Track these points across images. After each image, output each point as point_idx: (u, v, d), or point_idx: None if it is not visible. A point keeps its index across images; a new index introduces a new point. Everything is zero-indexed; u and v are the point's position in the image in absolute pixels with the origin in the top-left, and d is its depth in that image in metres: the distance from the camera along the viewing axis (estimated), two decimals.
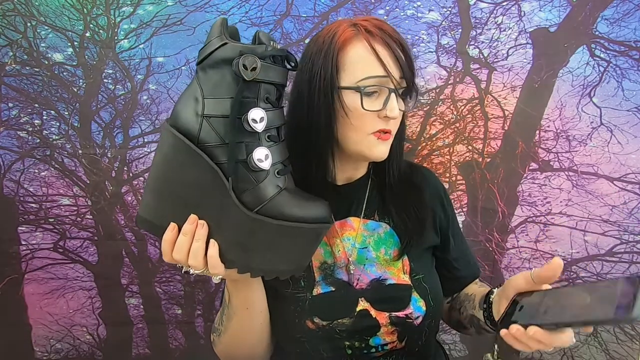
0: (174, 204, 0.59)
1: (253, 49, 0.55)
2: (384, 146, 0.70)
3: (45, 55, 1.24)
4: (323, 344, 0.73)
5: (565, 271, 1.33)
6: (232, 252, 0.59)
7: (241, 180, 0.57)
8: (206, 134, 0.56)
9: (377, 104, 0.67)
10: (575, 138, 1.29)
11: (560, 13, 1.24)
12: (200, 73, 0.58)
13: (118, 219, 1.31)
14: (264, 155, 0.57)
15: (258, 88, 0.56)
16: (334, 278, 0.75)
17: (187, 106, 0.57)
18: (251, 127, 0.56)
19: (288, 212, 0.58)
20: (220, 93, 0.56)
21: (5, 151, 1.26)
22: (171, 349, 1.37)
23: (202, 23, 1.24)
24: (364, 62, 0.67)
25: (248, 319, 0.72)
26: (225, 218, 0.58)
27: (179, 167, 0.57)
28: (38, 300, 1.33)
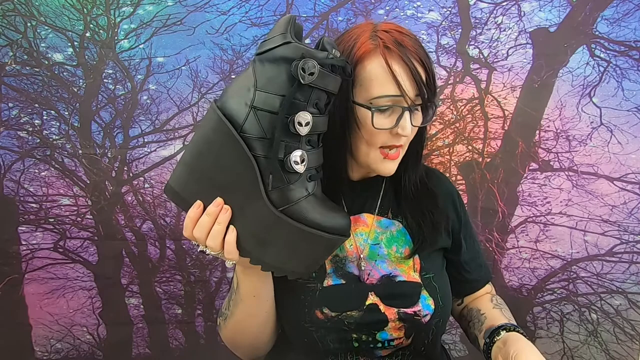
0: (204, 183, 0.60)
1: (314, 54, 0.56)
2: (391, 164, 0.72)
3: (45, 55, 1.24)
4: (331, 335, 0.74)
5: (565, 271, 1.33)
6: (249, 243, 0.61)
7: (273, 178, 0.58)
8: (250, 125, 0.57)
9: (389, 122, 0.68)
10: (575, 138, 1.29)
11: (560, 13, 1.24)
12: (257, 64, 0.58)
13: (118, 219, 1.31)
14: (301, 159, 0.58)
15: (310, 92, 0.57)
16: (345, 271, 0.76)
17: (238, 93, 0.59)
18: (296, 129, 0.57)
19: (311, 218, 0.60)
20: (273, 89, 0.57)
21: (5, 151, 1.26)
22: (171, 349, 1.38)
23: (202, 23, 1.24)
24: (379, 80, 0.67)
25: (254, 307, 0.74)
26: (250, 209, 0.59)
27: (217, 149, 0.59)
28: (38, 300, 1.33)
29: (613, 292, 1.34)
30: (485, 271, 0.89)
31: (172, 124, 1.29)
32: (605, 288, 1.34)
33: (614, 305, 1.34)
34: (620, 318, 1.35)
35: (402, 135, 0.69)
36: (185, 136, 1.29)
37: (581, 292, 1.34)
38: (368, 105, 0.68)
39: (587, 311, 1.35)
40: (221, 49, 1.26)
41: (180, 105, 1.28)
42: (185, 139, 1.29)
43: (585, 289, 1.34)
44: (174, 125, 1.29)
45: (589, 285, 1.34)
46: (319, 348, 0.75)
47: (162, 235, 1.32)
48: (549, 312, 1.36)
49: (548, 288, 1.35)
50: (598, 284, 1.34)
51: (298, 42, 0.57)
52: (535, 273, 1.34)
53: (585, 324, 1.36)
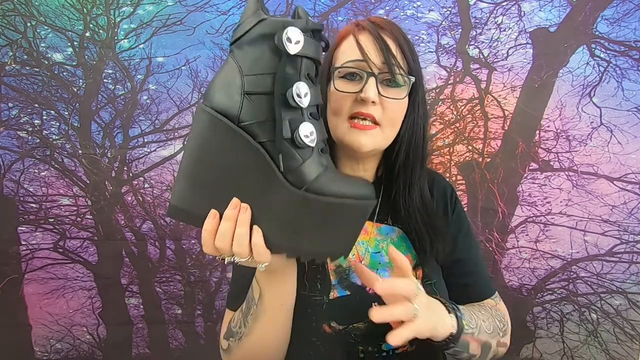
0: (213, 190, 0.55)
1: (295, 23, 0.54)
2: (361, 136, 0.69)
3: (45, 55, 1.24)
4: (337, 348, 0.72)
5: (565, 271, 1.33)
6: (280, 236, 0.56)
7: (287, 158, 0.54)
8: (247, 112, 0.54)
9: (353, 87, 0.68)
10: (575, 138, 1.29)
11: (560, 13, 1.24)
12: (236, 51, 0.55)
13: (118, 219, 1.31)
14: (310, 132, 0.54)
15: (300, 63, 0.54)
16: (349, 282, 0.74)
17: (224, 86, 0.55)
18: (296, 102, 0.53)
19: (335, 190, 0.56)
20: (260, 69, 0.54)
21: (5, 151, 1.26)
22: (171, 349, 1.37)
23: (202, 23, 1.24)
24: (346, 51, 0.70)
25: (281, 317, 0.69)
26: (271, 200, 0.55)
27: (218, 149, 0.54)
28: (38, 300, 1.33)
29: (613, 292, 1.34)
30: (484, 281, 0.81)
31: (172, 124, 1.29)
32: (605, 288, 1.34)
33: (614, 305, 1.34)
34: (620, 318, 1.35)
35: (366, 101, 0.66)
36: (185, 136, 1.29)
37: (581, 292, 1.34)
38: (332, 69, 0.70)
39: (587, 311, 1.35)
40: (221, 49, 1.26)
41: (180, 105, 1.28)
42: (185, 139, 1.29)
43: (585, 289, 1.34)
44: (174, 125, 1.29)
45: (589, 285, 1.34)
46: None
47: (162, 235, 1.32)
48: (549, 312, 1.36)
49: (548, 288, 1.35)
50: (598, 284, 1.34)
51: (273, 16, 0.55)
52: (535, 273, 1.34)
53: (585, 324, 1.36)
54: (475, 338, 0.69)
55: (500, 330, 0.75)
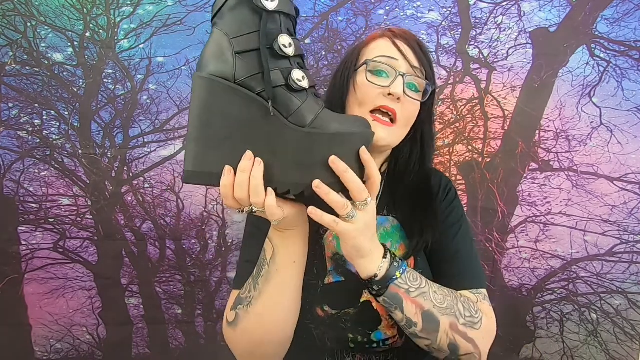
0: (224, 147, 0.59)
1: None
2: (380, 129, 0.73)
3: (45, 55, 1.24)
4: (329, 333, 0.75)
5: (565, 271, 1.33)
6: (293, 175, 0.60)
7: (286, 103, 0.59)
8: (241, 69, 0.58)
9: (383, 82, 0.73)
10: (575, 138, 1.29)
11: (560, 13, 1.24)
12: (218, 22, 0.60)
13: (118, 219, 1.31)
14: (301, 76, 0.60)
15: (279, 19, 0.60)
16: (345, 269, 0.77)
17: (215, 52, 0.59)
18: (283, 52, 0.59)
19: (336, 125, 0.61)
20: (245, 30, 0.59)
21: (5, 151, 1.26)
22: (171, 349, 1.37)
23: (202, 23, 1.24)
24: (381, 48, 0.76)
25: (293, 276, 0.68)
26: (279, 143, 0.59)
27: (222, 109, 0.58)
28: (38, 300, 1.33)
29: (613, 292, 1.34)
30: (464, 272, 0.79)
31: (172, 124, 1.29)
32: (605, 288, 1.34)
33: (614, 305, 1.34)
34: (620, 318, 1.35)
35: (394, 96, 0.72)
36: (185, 136, 1.29)
37: (581, 292, 1.34)
38: (364, 61, 0.75)
39: (587, 311, 1.35)
40: None
41: (180, 105, 1.28)
42: (185, 139, 1.29)
43: (585, 289, 1.34)
44: (174, 125, 1.29)
45: (589, 285, 1.34)
46: (317, 346, 0.76)
47: (162, 235, 1.32)
48: (549, 312, 1.36)
49: (548, 288, 1.35)
50: (598, 284, 1.34)
51: None
52: (535, 273, 1.34)
53: (585, 324, 1.36)
54: (412, 299, 0.67)
55: (462, 316, 0.70)
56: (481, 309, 0.74)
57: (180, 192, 1.31)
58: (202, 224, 1.32)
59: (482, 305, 0.76)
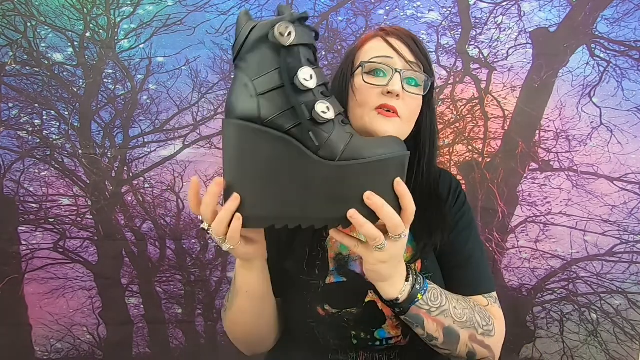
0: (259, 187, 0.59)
1: (282, 18, 0.58)
2: (386, 123, 0.72)
3: (45, 55, 1.24)
4: (331, 332, 0.76)
5: (565, 271, 1.33)
6: (329, 209, 0.60)
7: (314, 138, 0.59)
8: (266, 110, 0.58)
9: (380, 81, 0.73)
10: (575, 138, 1.29)
11: (560, 13, 1.24)
12: (240, 64, 0.60)
13: (118, 219, 1.31)
14: (326, 107, 0.59)
15: (297, 52, 0.59)
16: (347, 269, 0.77)
17: (239, 95, 0.59)
18: (304, 86, 0.58)
19: (368, 152, 0.60)
20: (265, 70, 0.58)
21: (5, 151, 1.26)
22: (171, 349, 1.38)
23: (202, 23, 1.24)
24: (375, 48, 0.76)
25: (247, 302, 0.74)
26: (312, 179, 0.59)
27: (254, 153, 0.59)
28: (38, 300, 1.33)
29: (613, 292, 1.34)
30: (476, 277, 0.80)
31: (172, 124, 1.29)
32: (605, 288, 1.34)
33: (614, 305, 1.34)
34: (620, 318, 1.35)
35: (392, 93, 0.71)
36: (185, 136, 1.29)
37: (581, 292, 1.34)
38: (360, 63, 0.74)
39: (587, 311, 1.35)
40: (221, 49, 1.26)
41: (180, 105, 1.28)
42: (185, 139, 1.29)
43: (585, 289, 1.34)
44: (174, 125, 1.29)
45: (589, 285, 1.34)
46: (319, 344, 0.77)
47: (162, 235, 1.32)
48: (549, 312, 1.36)
49: (548, 288, 1.35)
50: (598, 284, 1.34)
51: (261, 20, 0.59)
52: (535, 273, 1.34)
53: (585, 324, 1.36)
54: (433, 318, 0.70)
55: (479, 326, 0.73)
56: (492, 313, 0.78)
57: (180, 192, 1.31)
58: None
59: (493, 309, 0.79)
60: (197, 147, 1.29)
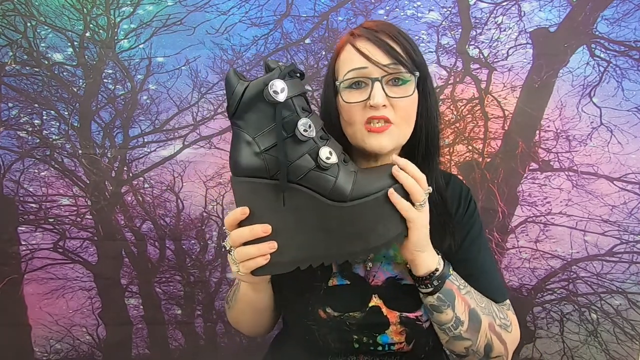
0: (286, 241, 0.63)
1: (272, 76, 0.61)
2: (379, 138, 0.71)
3: (45, 55, 1.24)
4: (332, 334, 0.75)
5: (565, 271, 1.33)
6: (351, 245, 0.64)
7: (322, 185, 0.62)
8: (273, 164, 0.62)
9: (360, 96, 0.71)
10: (575, 138, 1.29)
11: (560, 13, 1.24)
12: (237, 122, 0.63)
13: (118, 219, 1.30)
14: (329, 152, 0.62)
15: (292, 104, 0.62)
16: (351, 272, 0.77)
17: (243, 152, 0.62)
18: (305, 136, 0.61)
19: (373, 187, 0.63)
20: (264, 126, 0.61)
21: (5, 151, 1.26)
22: (171, 349, 1.37)
23: (202, 23, 1.24)
24: (347, 61, 0.73)
25: (247, 311, 0.79)
26: (329, 223, 0.63)
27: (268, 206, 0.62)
28: (38, 301, 1.32)
29: (613, 292, 1.34)
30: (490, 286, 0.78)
31: (172, 124, 1.29)
32: (605, 288, 1.34)
33: (614, 305, 1.34)
34: (620, 318, 1.35)
35: (375, 106, 0.69)
36: (185, 136, 1.29)
37: (581, 292, 1.34)
38: (337, 84, 0.73)
39: (587, 311, 1.35)
40: (221, 49, 1.26)
41: (180, 105, 1.28)
42: (185, 139, 1.29)
43: (585, 289, 1.34)
44: (174, 125, 1.29)
45: (589, 285, 1.34)
46: (319, 346, 0.76)
47: (161, 236, 1.32)
48: (549, 312, 1.36)
49: (548, 288, 1.35)
50: (598, 284, 1.34)
51: (252, 80, 0.62)
52: (535, 273, 1.34)
53: (585, 324, 1.36)
54: (462, 296, 0.70)
55: (497, 317, 0.74)
56: (509, 316, 0.77)
57: (180, 192, 1.31)
58: (202, 224, 1.32)
59: (509, 314, 0.79)
60: (197, 147, 1.29)
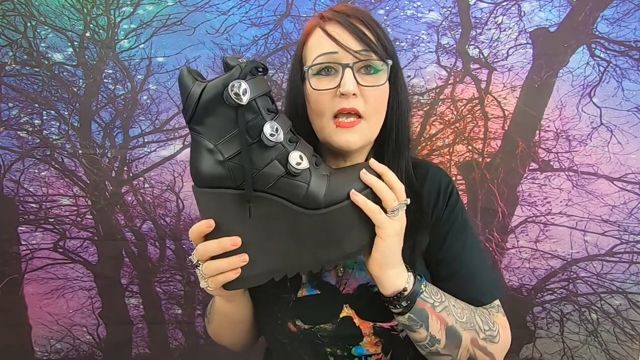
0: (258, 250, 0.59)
1: (232, 76, 0.55)
2: (348, 134, 0.66)
3: (45, 55, 1.24)
4: (304, 348, 0.71)
5: (565, 271, 1.33)
6: (325, 253, 0.60)
7: (294, 192, 0.57)
8: (239, 173, 0.56)
9: (332, 83, 0.65)
10: (575, 138, 1.29)
11: (560, 13, 1.24)
12: (196, 127, 0.57)
13: (118, 219, 1.31)
14: (299, 156, 0.57)
15: (256, 106, 0.56)
16: (321, 281, 0.72)
17: (204, 161, 0.56)
18: (272, 141, 0.56)
19: (349, 188, 0.59)
20: (226, 132, 0.56)
21: (5, 151, 1.26)
22: (171, 349, 1.37)
23: (202, 23, 1.24)
24: (316, 45, 0.67)
25: (225, 323, 0.74)
26: (301, 232, 0.59)
27: (236, 218, 0.57)
28: (38, 300, 1.33)
29: (613, 292, 1.34)
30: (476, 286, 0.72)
31: (172, 124, 1.29)
32: (605, 288, 1.34)
33: (614, 305, 1.34)
34: (620, 318, 1.35)
35: (347, 95, 0.64)
36: (185, 136, 1.29)
37: (581, 292, 1.34)
38: (305, 69, 0.67)
39: (587, 311, 1.35)
40: (221, 49, 1.26)
41: (180, 106, 1.28)
42: (185, 139, 1.29)
43: (585, 289, 1.34)
44: (174, 125, 1.29)
45: (589, 285, 1.34)
46: None
47: (162, 235, 1.32)
48: (549, 312, 1.36)
49: (548, 288, 1.35)
50: (598, 284, 1.34)
51: (209, 80, 0.56)
52: (535, 273, 1.34)
53: (585, 324, 1.36)
54: (437, 314, 0.63)
55: (481, 330, 0.67)
56: (497, 322, 0.71)
57: (180, 192, 1.31)
58: None
59: (497, 318, 0.72)
60: None
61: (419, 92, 1.28)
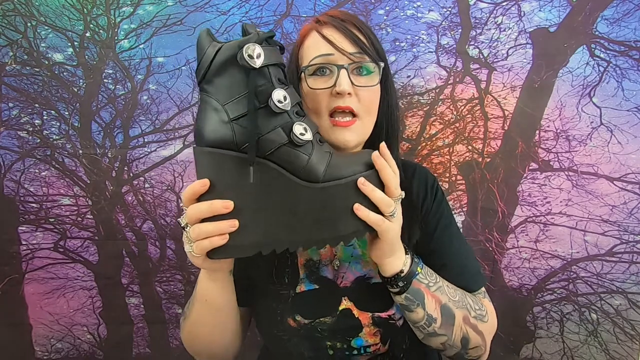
0: (244, 218, 0.56)
1: (249, 39, 0.56)
2: (345, 132, 0.69)
3: (45, 55, 1.24)
4: (304, 344, 0.72)
5: (565, 271, 1.33)
6: (319, 231, 0.59)
7: (294, 161, 0.57)
8: (242, 136, 0.56)
9: (328, 83, 0.69)
10: (575, 138, 1.29)
11: (560, 13, 1.24)
12: (206, 87, 0.57)
13: (118, 219, 1.31)
14: (303, 129, 0.57)
15: (268, 73, 0.56)
16: (319, 276, 0.74)
17: (209, 120, 0.56)
18: (279, 108, 0.56)
19: (348, 171, 0.59)
20: (236, 93, 0.56)
21: (6, 151, 1.26)
22: (171, 349, 1.38)
23: (202, 23, 1.24)
24: (312, 47, 0.71)
25: (206, 311, 0.71)
26: (297, 204, 0.57)
27: (232, 181, 0.56)
28: (38, 300, 1.33)
29: (613, 292, 1.34)
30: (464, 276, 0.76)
31: (172, 124, 1.29)
32: (605, 288, 1.34)
33: (614, 305, 1.34)
34: (620, 318, 1.35)
35: (342, 94, 0.67)
36: (185, 136, 1.29)
37: (581, 292, 1.34)
38: (301, 69, 0.70)
39: (587, 311, 1.35)
40: None
41: (180, 105, 1.28)
42: (185, 139, 1.29)
43: (585, 289, 1.34)
44: (174, 125, 1.29)
45: (589, 285, 1.34)
46: (293, 357, 0.73)
47: (162, 235, 1.32)
48: (549, 312, 1.36)
49: (548, 288, 1.35)
50: (598, 284, 1.34)
51: (226, 42, 0.56)
52: (535, 273, 1.34)
53: (585, 324, 1.36)
54: (432, 293, 0.68)
55: (472, 309, 0.72)
56: (484, 304, 0.75)
57: (180, 192, 1.31)
58: None
59: (484, 302, 0.77)
60: None
61: (419, 92, 1.28)
